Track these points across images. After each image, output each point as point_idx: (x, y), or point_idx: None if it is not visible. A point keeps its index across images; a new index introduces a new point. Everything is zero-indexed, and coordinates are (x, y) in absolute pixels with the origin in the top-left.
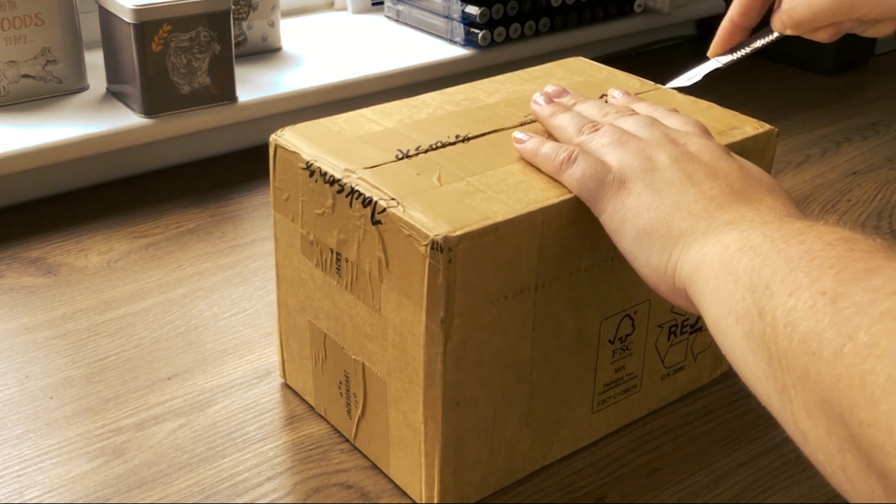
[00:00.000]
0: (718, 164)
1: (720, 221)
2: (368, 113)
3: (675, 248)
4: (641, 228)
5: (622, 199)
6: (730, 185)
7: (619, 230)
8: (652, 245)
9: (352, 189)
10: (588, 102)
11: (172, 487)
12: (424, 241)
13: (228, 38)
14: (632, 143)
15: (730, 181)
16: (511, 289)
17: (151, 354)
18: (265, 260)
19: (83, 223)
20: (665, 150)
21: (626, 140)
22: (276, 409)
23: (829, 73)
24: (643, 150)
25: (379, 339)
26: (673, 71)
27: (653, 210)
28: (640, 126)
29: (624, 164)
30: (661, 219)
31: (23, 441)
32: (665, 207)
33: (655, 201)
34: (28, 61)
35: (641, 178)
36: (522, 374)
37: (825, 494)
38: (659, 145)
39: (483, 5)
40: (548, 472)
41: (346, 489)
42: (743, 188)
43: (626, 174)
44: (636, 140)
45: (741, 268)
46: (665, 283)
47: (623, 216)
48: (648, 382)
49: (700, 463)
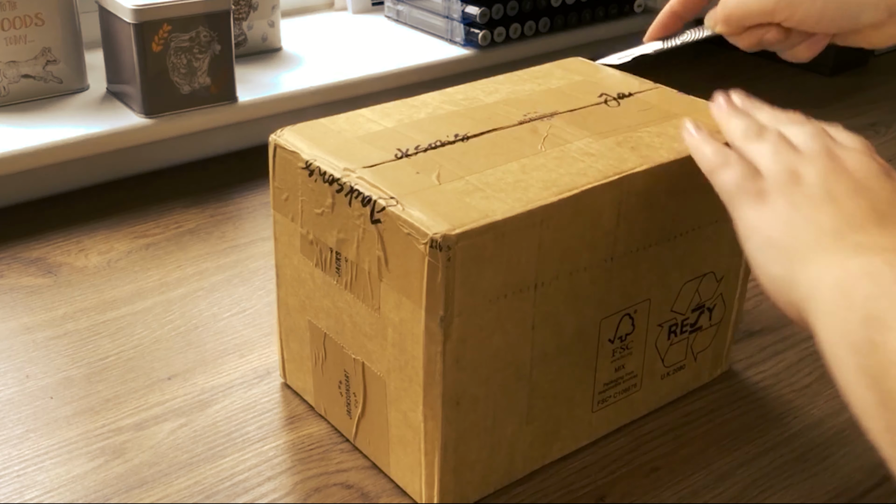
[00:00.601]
0: (869, 183)
1: (848, 242)
2: (368, 113)
3: (796, 262)
4: (768, 237)
5: (758, 209)
6: (872, 206)
7: (748, 237)
8: (774, 255)
9: (351, 188)
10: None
11: (172, 487)
12: (424, 240)
13: (228, 38)
14: (787, 154)
15: (874, 202)
16: (510, 287)
17: (151, 354)
18: (265, 260)
19: (83, 223)
20: (816, 165)
21: (783, 151)
22: (276, 409)
23: (829, 73)
24: (794, 163)
25: (378, 339)
26: (673, 71)
27: (784, 222)
28: (804, 137)
29: (771, 175)
30: (789, 231)
31: (23, 441)
32: (796, 221)
33: (789, 214)
34: (28, 61)
35: (783, 191)
36: (522, 373)
37: (825, 494)
38: (813, 159)
39: (483, 5)
40: (548, 471)
41: (346, 489)
42: (886, 211)
43: (770, 186)
44: (793, 152)
45: (859, 295)
46: (782, 295)
47: (756, 225)
48: (648, 382)
49: (700, 463)
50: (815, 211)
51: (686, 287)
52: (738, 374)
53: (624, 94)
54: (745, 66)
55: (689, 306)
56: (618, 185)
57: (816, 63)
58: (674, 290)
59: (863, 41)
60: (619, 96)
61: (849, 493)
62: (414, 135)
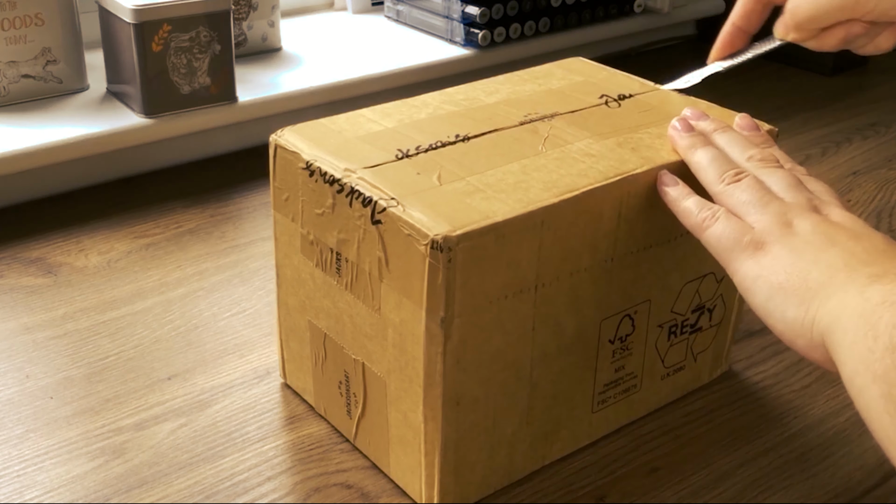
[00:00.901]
0: (862, 231)
1: (862, 274)
2: (368, 113)
3: (812, 300)
4: (776, 284)
5: (758, 259)
6: (874, 246)
7: (751, 289)
8: (788, 300)
9: (352, 189)
10: (728, 135)
11: (172, 487)
12: (424, 241)
13: (228, 38)
14: (774, 204)
15: (874, 243)
16: (511, 288)
17: (151, 354)
18: (265, 260)
19: (83, 223)
20: (807, 218)
21: (769, 201)
22: (276, 409)
23: (829, 73)
24: (785, 213)
25: (379, 339)
26: (673, 71)
27: (790, 266)
28: (783, 186)
29: (764, 226)
30: (798, 273)
31: (23, 441)
32: (803, 263)
33: (793, 259)
34: (28, 61)
35: (780, 240)
36: (522, 373)
37: (825, 494)
38: (801, 211)
39: (483, 5)
40: (548, 472)
41: (346, 489)
42: (888, 249)
43: (765, 237)
44: (778, 202)
45: (882, 324)
46: (802, 336)
47: (758, 274)
48: (648, 382)
49: (700, 463)
50: (820, 253)
51: (686, 288)
52: (738, 375)
53: (625, 96)
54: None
55: (689, 307)
56: (618, 186)
57: (816, 63)
58: (674, 291)
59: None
60: (620, 97)
61: (849, 493)
62: (414, 135)
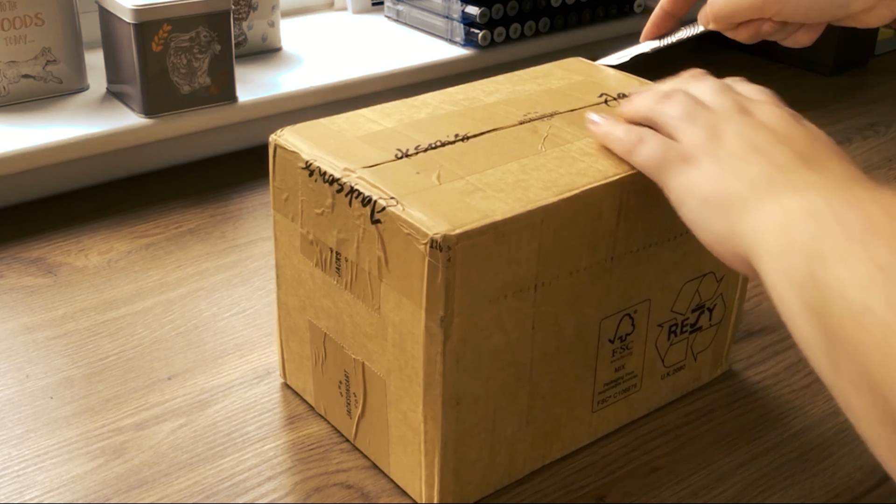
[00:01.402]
0: (787, 131)
1: (782, 186)
2: (368, 113)
3: (734, 214)
4: (702, 198)
5: (686, 173)
6: (796, 152)
7: (683, 203)
8: (713, 213)
9: (351, 188)
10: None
11: (172, 487)
12: (424, 240)
13: (228, 38)
14: (701, 115)
15: (797, 148)
16: (511, 288)
17: (151, 354)
18: (265, 260)
19: (83, 223)
20: (733, 122)
21: (696, 112)
22: (276, 409)
23: (829, 73)
24: (711, 123)
25: (379, 339)
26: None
27: (713, 180)
28: (711, 92)
29: (691, 139)
30: (721, 187)
31: (23, 441)
32: (726, 176)
33: (718, 171)
34: (28, 61)
35: (707, 151)
36: (522, 373)
37: (825, 494)
38: (727, 116)
39: (483, 5)
40: (548, 471)
41: (346, 489)
42: (810, 154)
43: (693, 150)
44: (706, 112)
45: (800, 234)
46: (727, 250)
47: (688, 189)
48: (648, 382)
49: (700, 463)
50: (742, 163)
51: (686, 287)
52: (738, 374)
53: (624, 94)
54: (744, 65)
55: (689, 306)
56: (618, 185)
57: (816, 63)
58: (674, 291)
59: (856, 23)
60: (620, 96)
61: (849, 493)
62: (414, 135)
